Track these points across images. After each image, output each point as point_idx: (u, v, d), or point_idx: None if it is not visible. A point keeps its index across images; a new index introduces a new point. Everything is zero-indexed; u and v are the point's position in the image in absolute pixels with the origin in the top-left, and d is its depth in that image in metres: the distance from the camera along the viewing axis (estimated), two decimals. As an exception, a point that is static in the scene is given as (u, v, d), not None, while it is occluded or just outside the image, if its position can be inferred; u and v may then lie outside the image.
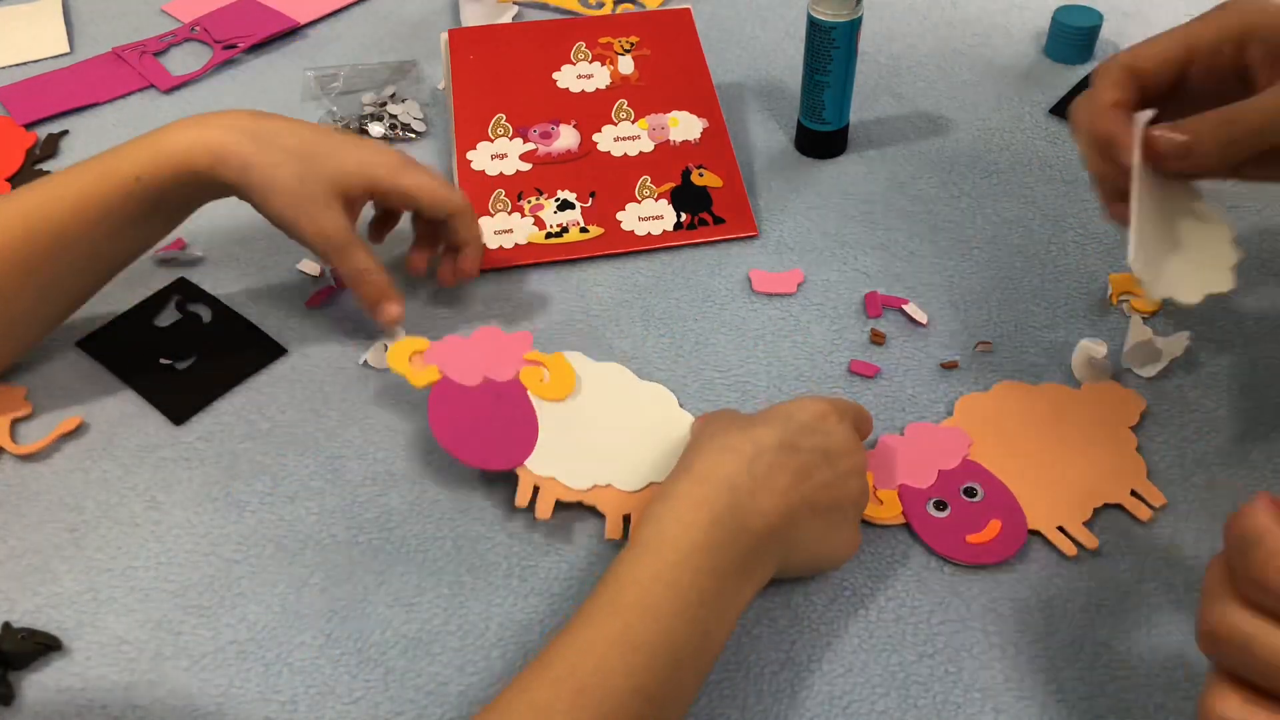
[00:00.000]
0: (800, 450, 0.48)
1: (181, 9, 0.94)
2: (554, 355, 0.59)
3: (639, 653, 0.41)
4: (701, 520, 0.45)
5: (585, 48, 0.77)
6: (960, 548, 0.51)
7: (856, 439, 0.50)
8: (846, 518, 0.50)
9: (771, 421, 0.49)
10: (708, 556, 0.44)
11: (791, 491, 0.47)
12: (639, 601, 0.42)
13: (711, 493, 0.46)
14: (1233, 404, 0.58)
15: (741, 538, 0.45)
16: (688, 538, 0.44)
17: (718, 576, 0.44)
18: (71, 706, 0.47)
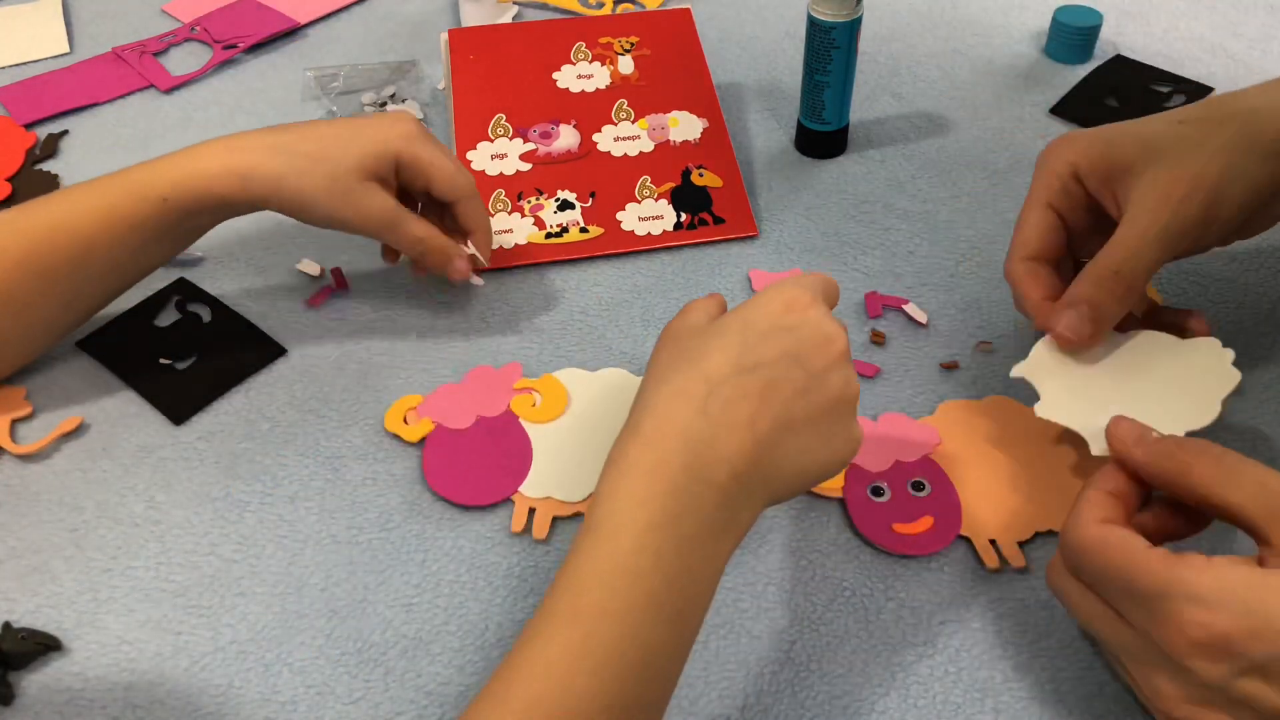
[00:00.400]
0: (762, 365, 0.43)
1: (181, 9, 0.94)
2: (544, 378, 0.59)
3: (607, 665, 0.38)
4: (657, 490, 0.40)
5: (585, 48, 0.77)
6: (883, 533, 0.52)
7: (830, 321, 0.45)
8: (837, 418, 0.44)
9: (726, 337, 0.44)
10: (670, 531, 0.40)
11: (758, 420, 0.42)
12: (599, 604, 0.38)
13: (664, 454, 0.41)
14: (1240, 407, 0.58)
15: (707, 496, 0.41)
16: (644, 515, 0.40)
17: (685, 549, 0.40)
18: (71, 706, 0.47)
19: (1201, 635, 0.37)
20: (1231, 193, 0.50)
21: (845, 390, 0.44)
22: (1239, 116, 0.51)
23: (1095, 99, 0.80)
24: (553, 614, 0.39)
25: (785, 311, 0.44)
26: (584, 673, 0.37)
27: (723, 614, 0.50)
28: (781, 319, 0.44)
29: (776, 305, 0.45)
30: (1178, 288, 0.65)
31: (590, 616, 0.38)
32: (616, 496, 0.41)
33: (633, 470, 0.41)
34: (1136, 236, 0.50)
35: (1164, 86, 0.81)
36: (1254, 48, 0.85)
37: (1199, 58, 0.84)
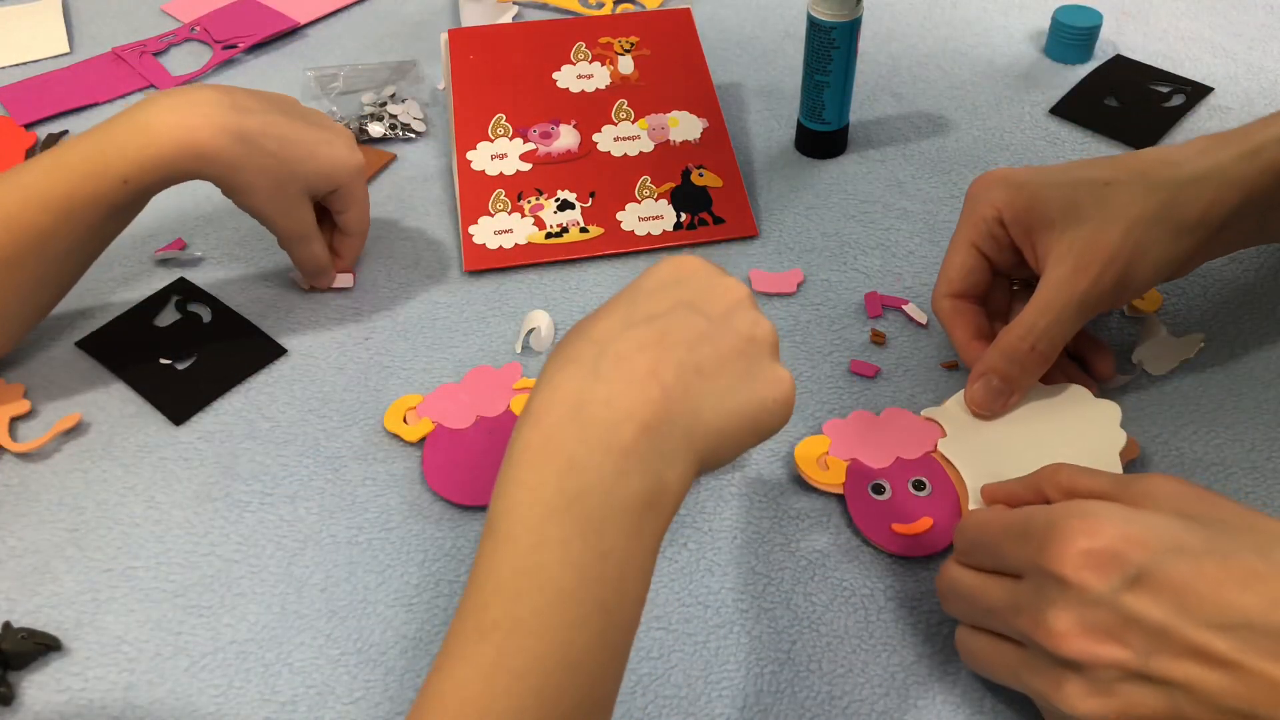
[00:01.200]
0: (655, 316, 0.40)
1: (181, 9, 0.94)
2: None
3: (526, 680, 0.34)
4: (550, 472, 0.36)
5: (585, 48, 0.77)
6: (881, 533, 0.52)
7: (725, 275, 0.43)
8: (753, 358, 0.41)
9: (614, 304, 0.41)
10: (573, 515, 0.36)
11: (661, 368, 0.38)
12: (505, 614, 0.35)
13: (554, 431, 0.37)
14: (1240, 406, 0.58)
15: (609, 464, 0.36)
16: (540, 504, 0.36)
17: (595, 531, 0.36)
18: (71, 706, 0.47)
19: (1087, 544, 0.38)
20: (1144, 265, 0.52)
21: (754, 330, 0.41)
22: (1166, 189, 0.52)
23: (1095, 99, 0.80)
24: (460, 634, 0.36)
25: (673, 271, 0.42)
26: (501, 693, 0.34)
27: (723, 614, 0.50)
28: (672, 276, 0.42)
29: (663, 269, 0.43)
30: (1178, 287, 0.65)
31: (498, 630, 0.35)
32: (508, 489, 0.37)
33: (523, 455, 0.37)
34: (1052, 309, 0.52)
35: (1164, 86, 0.81)
36: (1254, 48, 0.85)
37: (1199, 58, 0.84)
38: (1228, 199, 0.52)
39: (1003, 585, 0.42)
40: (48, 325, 0.64)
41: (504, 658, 0.35)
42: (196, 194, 0.74)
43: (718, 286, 0.42)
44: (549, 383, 0.39)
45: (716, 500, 0.54)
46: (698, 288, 0.41)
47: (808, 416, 0.58)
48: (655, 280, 0.42)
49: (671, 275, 0.42)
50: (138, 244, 0.70)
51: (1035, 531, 0.41)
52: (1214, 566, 0.38)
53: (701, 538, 0.53)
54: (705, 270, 0.43)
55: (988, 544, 0.44)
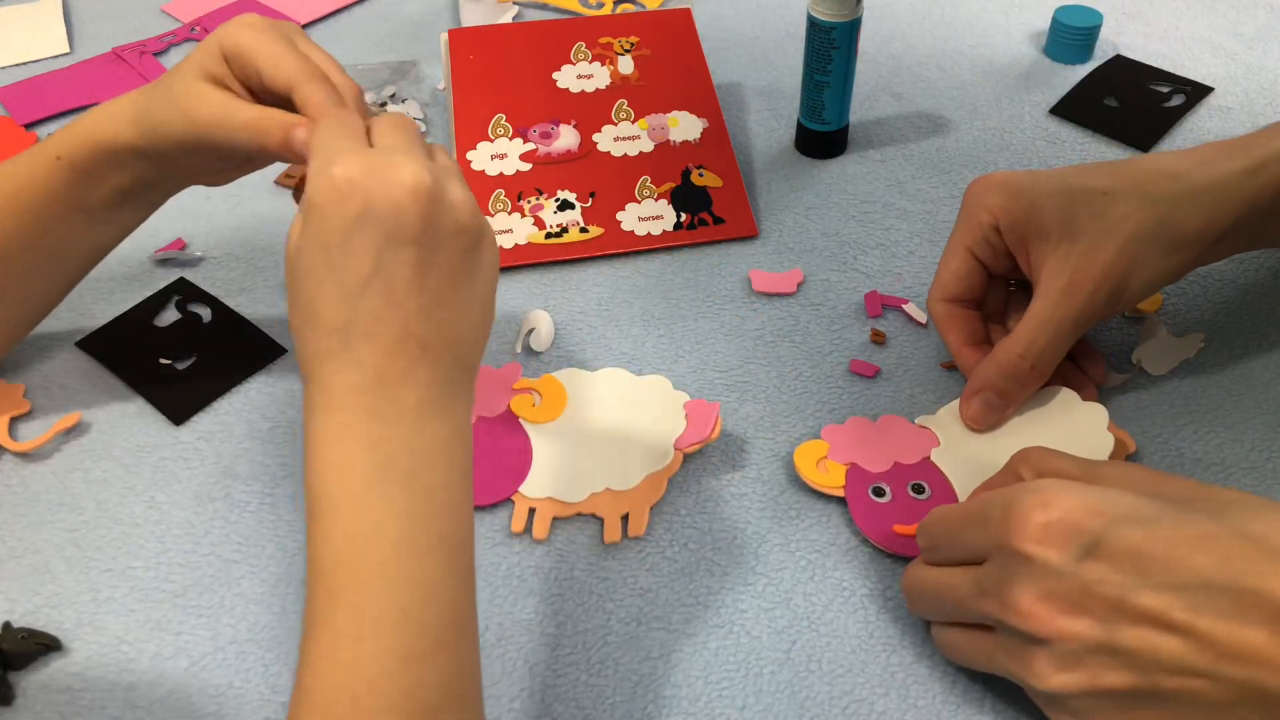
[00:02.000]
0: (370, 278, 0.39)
1: (181, 9, 0.94)
2: (544, 378, 0.59)
3: (386, 622, 0.37)
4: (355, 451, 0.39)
5: (585, 48, 0.77)
6: (884, 534, 0.52)
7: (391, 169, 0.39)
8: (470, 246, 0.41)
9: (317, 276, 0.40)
10: (388, 476, 0.38)
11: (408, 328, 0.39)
12: (351, 575, 0.37)
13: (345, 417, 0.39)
14: (1240, 406, 0.58)
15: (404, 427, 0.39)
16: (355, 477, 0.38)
17: (415, 478, 0.39)
18: (71, 706, 0.47)
19: (1043, 518, 0.39)
20: (1138, 280, 0.52)
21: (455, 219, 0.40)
22: (1165, 203, 0.52)
23: (1095, 99, 0.80)
24: (312, 609, 0.38)
25: (344, 200, 0.39)
26: (364, 642, 0.36)
27: (722, 614, 0.50)
28: (346, 211, 0.39)
29: (331, 197, 0.39)
30: (1178, 287, 0.65)
31: (347, 590, 0.37)
32: (318, 476, 0.39)
33: (323, 444, 0.39)
34: (1049, 326, 0.52)
35: (1164, 86, 0.81)
36: (1254, 48, 0.85)
37: (1199, 58, 0.84)
38: (1227, 214, 0.52)
39: (967, 573, 0.43)
40: (48, 325, 0.64)
41: (361, 612, 0.37)
42: (196, 194, 0.74)
43: (399, 194, 0.39)
44: (315, 377, 0.40)
45: (716, 500, 0.54)
46: (381, 215, 0.39)
47: (808, 417, 0.58)
48: (338, 222, 0.39)
49: (350, 207, 0.39)
50: (138, 244, 0.70)
51: (994, 513, 0.41)
52: (1168, 530, 0.38)
53: (701, 538, 0.53)
54: (372, 181, 0.39)
55: (949, 534, 0.44)
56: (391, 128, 0.44)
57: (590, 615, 0.50)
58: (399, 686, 0.36)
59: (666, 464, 0.54)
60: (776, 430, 0.58)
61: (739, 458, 0.56)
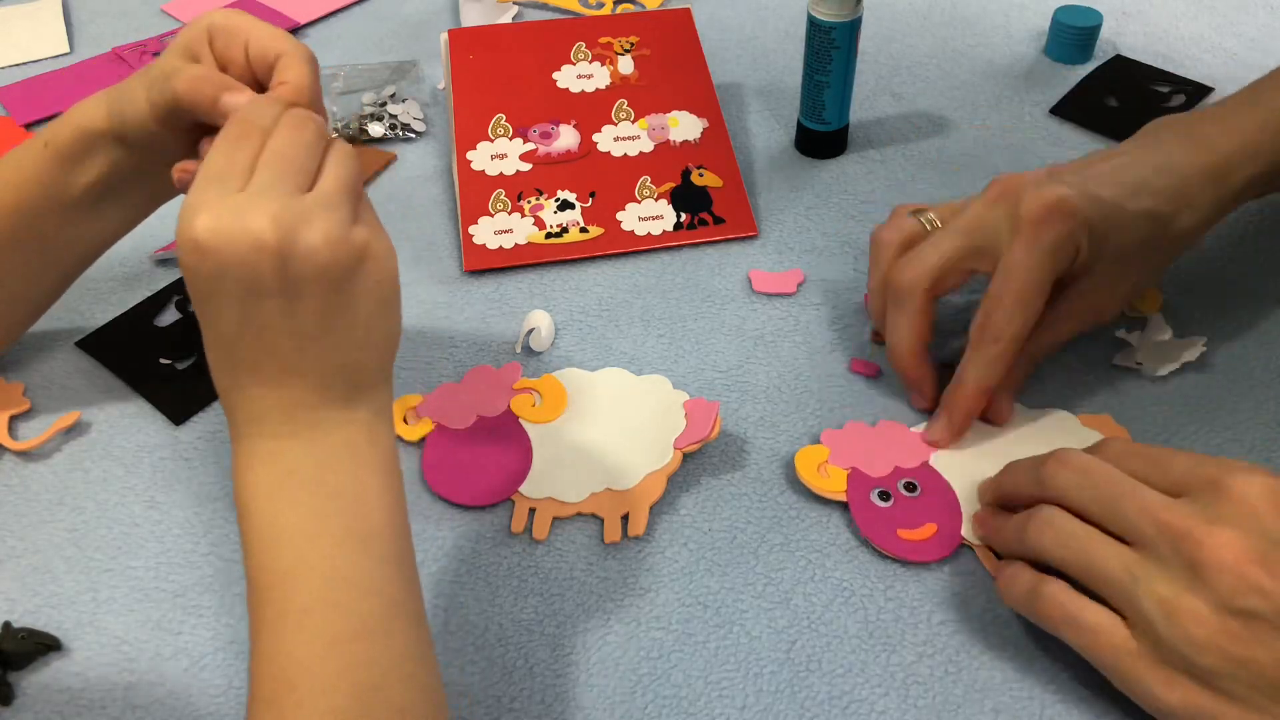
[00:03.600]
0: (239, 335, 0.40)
1: (181, 9, 0.94)
2: (544, 378, 0.59)
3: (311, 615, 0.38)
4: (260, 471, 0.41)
5: (585, 48, 0.77)
6: (889, 539, 0.52)
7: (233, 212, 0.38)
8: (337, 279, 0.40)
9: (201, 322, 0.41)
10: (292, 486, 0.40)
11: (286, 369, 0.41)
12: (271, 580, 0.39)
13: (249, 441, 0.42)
14: (1240, 406, 0.58)
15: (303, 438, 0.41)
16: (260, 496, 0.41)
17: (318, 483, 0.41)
18: (71, 706, 0.47)
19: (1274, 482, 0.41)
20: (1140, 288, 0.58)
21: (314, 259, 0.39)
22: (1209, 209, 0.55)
23: (1095, 99, 0.80)
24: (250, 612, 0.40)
25: (200, 260, 0.38)
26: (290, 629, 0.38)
27: (723, 614, 0.50)
28: (203, 271, 0.39)
29: (190, 259, 0.39)
30: (1180, 287, 0.65)
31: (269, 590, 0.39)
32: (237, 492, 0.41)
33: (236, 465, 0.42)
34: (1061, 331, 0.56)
35: (1164, 86, 0.81)
36: (1254, 48, 0.85)
37: (1199, 58, 0.84)
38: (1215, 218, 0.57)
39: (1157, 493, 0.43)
40: (47, 325, 0.64)
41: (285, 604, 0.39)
42: (196, 194, 0.74)
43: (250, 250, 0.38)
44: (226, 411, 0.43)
45: (716, 500, 0.55)
46: (237, 270, 0.38)
47: (808, 416, 0.58)
48: (201, 284, 0.39)
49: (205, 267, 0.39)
50: (138, 244, 0.70)
51: (1216, 459, 0.43)
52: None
53: (701, 538, 0.53)
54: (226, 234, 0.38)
55: (1148, 455, 0.45)
56: (270, 159, 0.41)
57: (590, 615, 0.50)
58: (331, 668, 0.38)
59: (666, 463, 0.54)
60: (776, 430, 0.58)
61: (739, 458, 0.56)
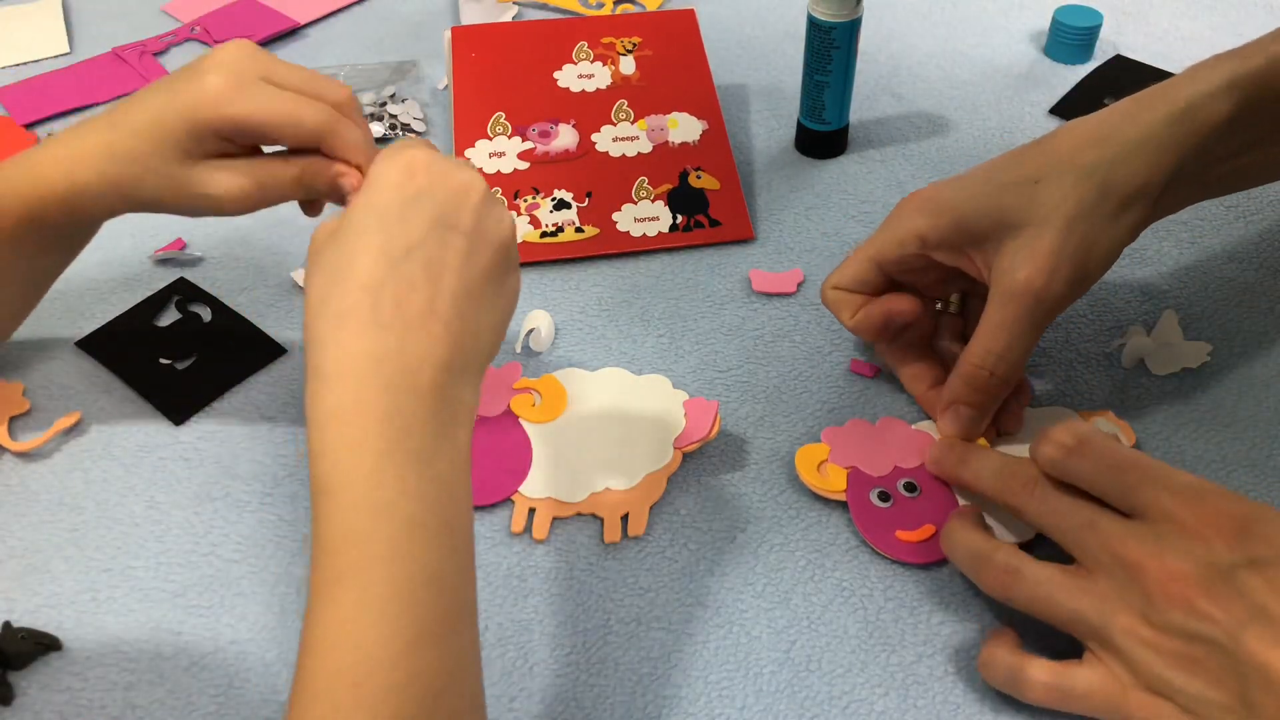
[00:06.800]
0: (414, 247, 0.40)
1: (181, 9, 0.94)
2: (543, 378, 0.59)
3: (392, 606, 0.36)
4: (370, 426, 0.37)
5: (587, 47, 0.77)
6: (888, 540, 0.52)
7: (458, 168, 0.42)
8: (504, 264, 0.42)
9: (365, 235, 0.40)
10: (399, 454, 0.38)
11: (437, 303, 0.40)
12: (361, 554, 0.36)
13: (359, 390, 0.38)
14: (1240, 405, 0.58)
15: (419, 405, 0.38)
16: (369, 453, 0.37)
17: (424, 462, 0.38)
18: (71, 706, 0.47)
19: (1228, 519, 0.41)
20: (1094, 255, 0.50)
21: (500, 232, 0.43)
22: (1098, 171, 0.49)
23: (1095, 99, 0.80)
24: (318, 585, 0.37)
25: (409, 179, 0.41)
26: (369, 624, 0.35)
27: (723, 614, 0.50)
28: (408, 188, 0.41)
29: (396, 176, 0.41)
30: (1181, 285, 0.65)
31: (356, 569, 0.36)
32: (331, 450, 0.38)
33: (333, 417, 0.38)
34: (1005, 328, 0.50)
35: (1164, 86, 0.80)
36: (1254, 47, 0.85)
37: (1199, 58, 0.84)
38: (1164, 165, 0.50)
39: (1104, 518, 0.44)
40: (47, 325, 0.64)
41: (366, 592, 0.36)
42: (196, 194, 0.74)
43: (459, 188, 0.41)
44: (332, 341, 0.39)
45: (716, 500, 0.54)
46: (443, 198, 0.41)
47: (807, 416, 0.58)
48: (396, 193, 0.41)
49: (412, 186, 0.41)
50: (138, 244, 0.70)
51: (1177, 484, 0.43)
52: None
53: (701, 538, 0.53)
54: (439, 168, 0.42)
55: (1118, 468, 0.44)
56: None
57: (590, 615, 0.50)
58: (403, 670, 0.35)
59: (666, 463, 0.54)
60: (776, 430, 0.58)
61: (739, 458, 0.56)
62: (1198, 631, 0.40)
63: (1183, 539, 0.41)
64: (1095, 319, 0.63)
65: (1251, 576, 0.40)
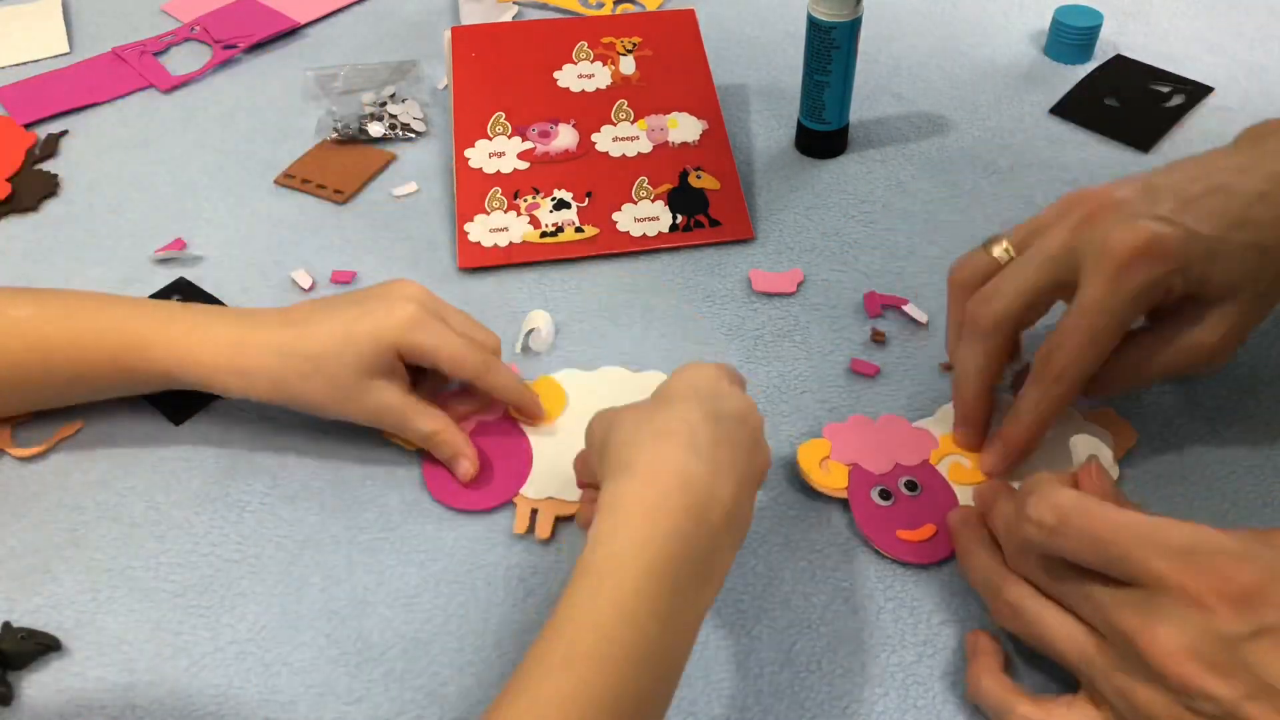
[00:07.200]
0: (723, 418, 0.44)
1: (181, 9, 0.94)
2: (541, 379, 0.59)
3: (599, 709, 0.37)
4: (659, 533, 0.40)
5: (588, 47, 0.77)
6: (888, 540, 0.52)
7: (750, 398, 0.48)
8: (758, 482, 0.46)
9: (683, 397, 0.45)
10: (668, 577, 0.39)
11: (737, 464, 0.43)
12: (596, 649, 0.38)
13: (663, 495, 0.40)
14: (1240, 405, 0.58)
15: (702, 539, 0.41)
16: (645, 559, 0.39)
17: (679, 595, 0.40)
18: (71, 706, 0.47)
19: (1233, 584, 0.38)
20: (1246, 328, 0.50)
21: (768, 459, 0.47)
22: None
23: (1095, 99, 0.80)
24: (544, 658, 0.38)
25: (719, 379, 0.47)
26: (576, 714, 0.36)
27: (723, 614, 0.50)
28: (718, 385, 0.46)
29: (710, 371, 0.47)
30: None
31: (585, 662, 0.38)
32: (616, 538, 0.40)
33: (633, 512, 0.41)
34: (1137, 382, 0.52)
35: (1164, 86, 0.81)
36: (1254, 48, 0.85)
37: (1199, 58, 0.84)
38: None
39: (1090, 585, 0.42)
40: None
41: (585, 686, 0.37)
42: (196, 194, 0.75)
43: (748, 407, 0.47)
44: (651, 448, 0.42)
45: (716, 500, 0.54)
46: (738, 405, 0.46)
47: (808, 416, 0.58)
48: (709, 383, 0.46)
49: (717, 381, 0.47)
50: (138, 244, 0.70)
51: (1173, 541, 0.39)
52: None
53: (701, 538, 0.53)
54: (737, 389, 0.47)
55: (1102, 541, 0.41)
56: None
57: (590, 615, 0.50)
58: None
59: (667, 464, 0.54)
60: (777, 430, 0.58)
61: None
62: (1198, 707, 0.38)
63: (1179, 607, 0.38)
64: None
65: (1258, 647, 0.37)
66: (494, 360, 0.55)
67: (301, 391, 0.53)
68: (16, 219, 0.73)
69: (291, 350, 0.53)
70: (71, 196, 0.75)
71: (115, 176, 0.76)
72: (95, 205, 0.74)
